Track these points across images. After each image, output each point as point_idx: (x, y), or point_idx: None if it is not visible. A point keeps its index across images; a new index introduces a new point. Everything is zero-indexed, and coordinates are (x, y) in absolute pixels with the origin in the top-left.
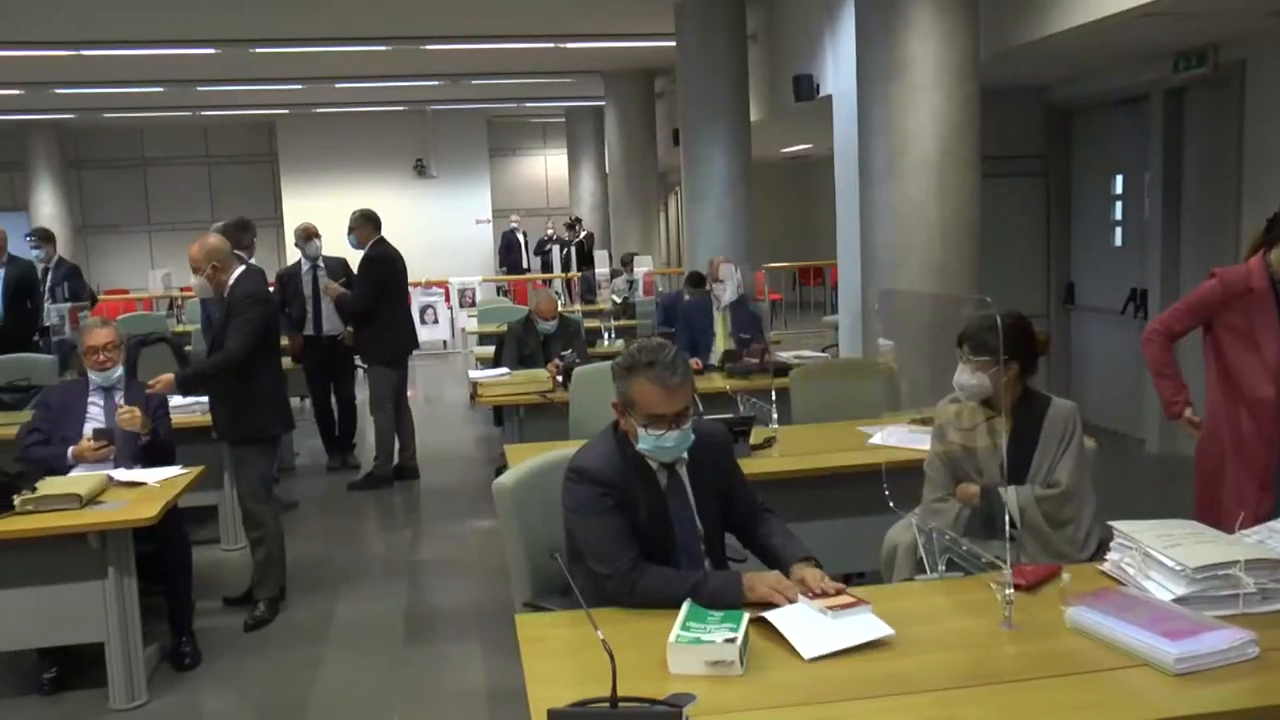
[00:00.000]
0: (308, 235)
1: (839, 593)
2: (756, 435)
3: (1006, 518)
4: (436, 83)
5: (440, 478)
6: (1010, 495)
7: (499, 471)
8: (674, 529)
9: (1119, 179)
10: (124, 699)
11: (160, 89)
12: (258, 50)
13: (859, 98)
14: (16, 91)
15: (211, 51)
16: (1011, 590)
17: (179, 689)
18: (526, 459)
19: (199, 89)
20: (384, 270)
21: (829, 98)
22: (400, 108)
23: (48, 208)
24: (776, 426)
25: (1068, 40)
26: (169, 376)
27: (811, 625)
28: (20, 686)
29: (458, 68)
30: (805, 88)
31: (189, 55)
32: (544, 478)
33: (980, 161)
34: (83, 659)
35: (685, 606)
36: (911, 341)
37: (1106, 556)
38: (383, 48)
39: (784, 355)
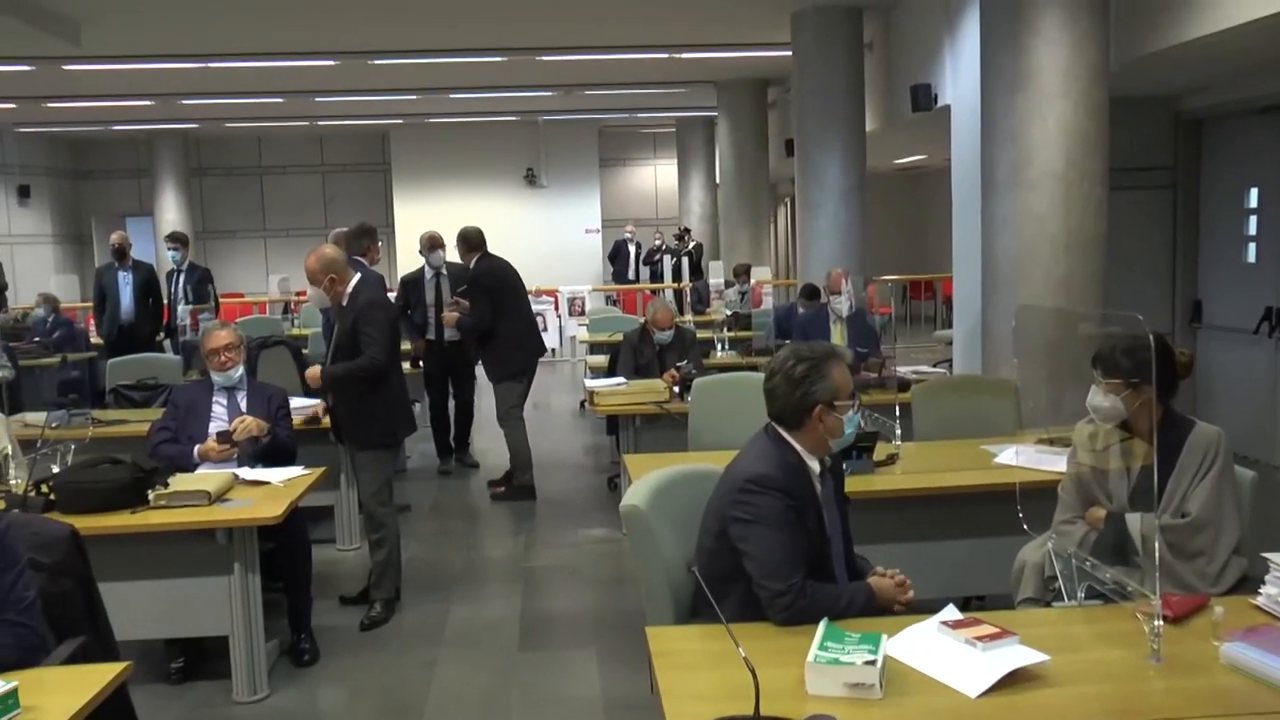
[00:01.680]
0: (433, 244)
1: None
2: (879, 451)
3: (1134, 546)
4: (549, 93)
5: (552, 485)
6: (1132, 522)
7: (611, 481)
8: (830, 539)
9: (1253, 192)
10: (246, 691)
11: (279, 100)
12: (375, 62)
13: (982, 107)
14: (146, 103)
15: (330, 63)
16: (1160, 622)
17: (298, 684)
18: (645, 471)
19: (316, 99)
20: (492, 285)
21: (947, 107)
22: (512, 118)
23: (171, 213)
24: (899, 443)
25: (1204, 47)
26: (316, 370)
27: (961, 660)
28: (150, 675)
29: (571, 79)
30: (923, 97)
31: (308, 67)
32: (667, 494)
33: (1107, 173)
34: (208, 651)
35: (823, 625)
36: (1040, 359)
37: (1261, 590)
38: (497, 59)
39: (901, 370)
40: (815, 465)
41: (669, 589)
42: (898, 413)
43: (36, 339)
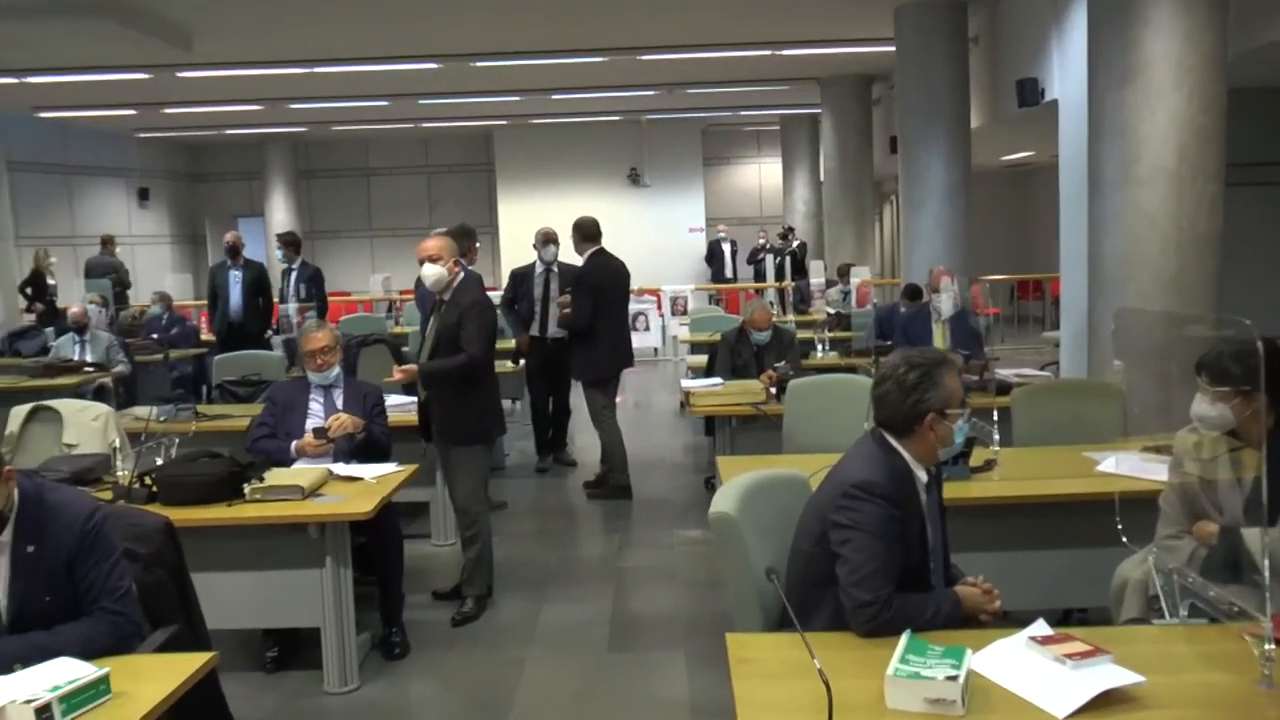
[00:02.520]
0: (546, 239)
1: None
2: (976, 457)
3: (1250, 562)
4: (652, 92)
5: (649, 485)
6: (1254, 537)
7: (708, 482)
8: (932, 551)
9: None
10: (337, 682)
11: (385, 103)
12: (478, 64)
13: (1089, 101)
14: (256, 107)
15: (434, 66)
16: (1272, 646)
17: (388, 677)
18: (738, 473)
19: (420, 102)
20: (596, 285)
21: (1054, 102)
22: (615, 117)
23: (280, 214)
24: (997, 448)
25: None
26: (414, 367)
27: (1050, 678)
28: (245, 663)
29: (673, 77)
30: (1029, 92)
31: (413, 70)
32: (755, 500)
33: (1223, 169)
34: (302, 642)
35: (905, 637)
36: (1145, 363)
37: None
38: (599, 59)
39: (1003, 373)
40: (923, 475)
41: (757, 596)
42: (996, 417)
43: (153, 335)
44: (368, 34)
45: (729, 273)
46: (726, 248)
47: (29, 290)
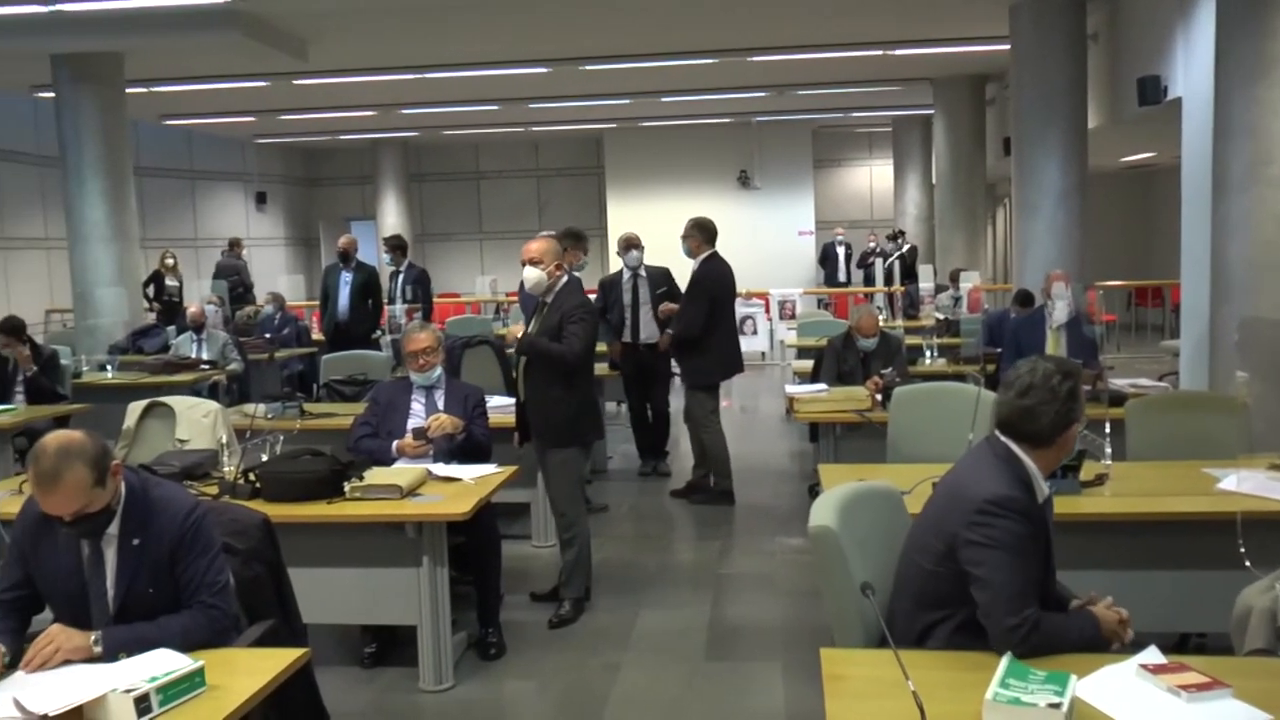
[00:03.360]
0: (628, 245)
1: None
2: (1087, 471)
3: None
4: (762, 94)
5: (752, 491)
6: None
7: (812, 489)
8: (1052, 567)
9: None
10: (432, 681)
11: (495, 107)
12: (588, 67)
13: (1216, 99)
14: (370, 113)
15: (544, 70)
16: None
17: (483, 677)
18: (840, 481)
19: (531, 106)
20: (713, 291)
21: (1177, 100)
22: (725, 120)
23: (392, 217)
24: (1109, 462)
25: None
26: (518, 329)
27: (1162, 711)
28: (344, 658)
29: (783, 78)
30: (1151, 90)
31: (523, 75)
32: (853, 512)
33: None
34: (399, 639)
35: (1005, 661)
36: (1271, 375)
37: None
38: (709, 60)
39: (1118, 383)
40: (1045, 488)
41: (857, 611)
42: (1108, 429)
43: (265, 335)
44: (479, 39)
45: (842, 276)
46: (841, 251)
47: (149, 290)
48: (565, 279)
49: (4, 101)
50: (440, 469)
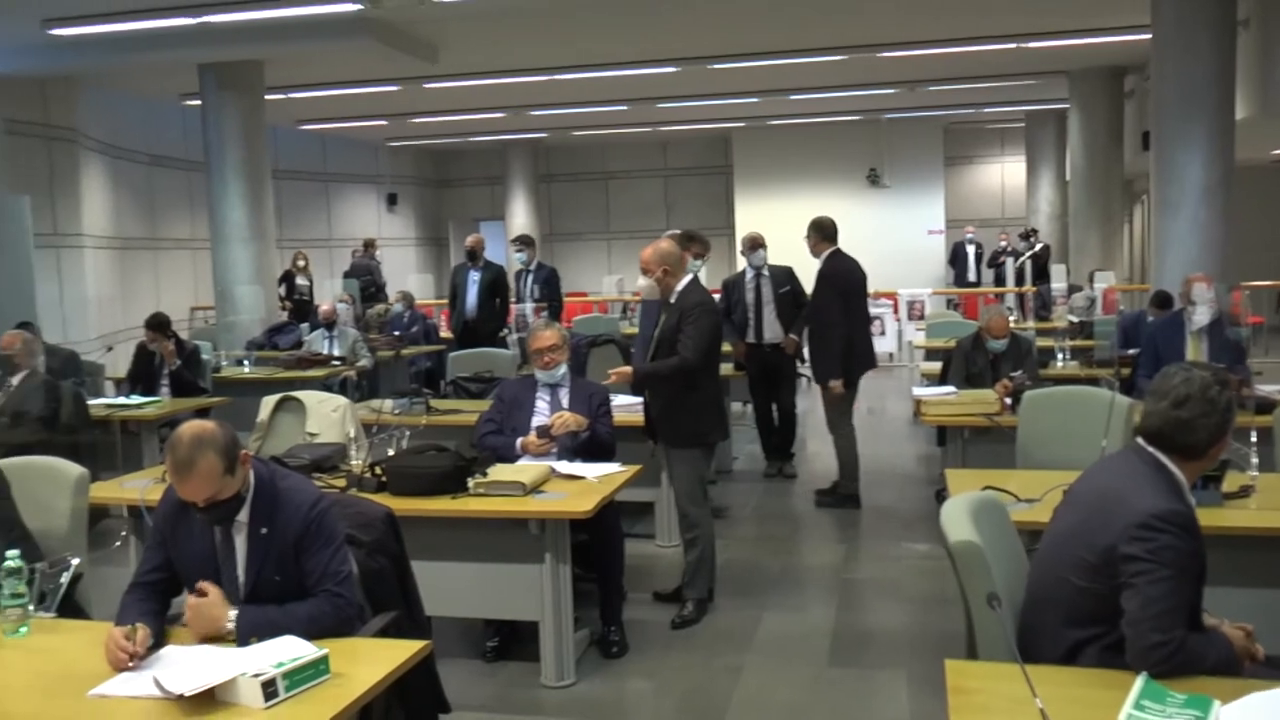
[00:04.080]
0: (753, 244)
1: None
2: (1230, 482)
3: None
4: (892, 90)
5: (878, 495)
6: None
7: (939, 494)
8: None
9: None
10: (554, 677)
11: (624, 107)
12: (716, 66)
13: None
14: (499, 115)
15: (672, 70)
16: None
17: (605, 675)
18: (967, 487)
19: (659, 106)
20: (841, 286)
21: None
22: (854, 117)
23: (521, 217)
24: (1255, 473)
25: None
26: (628, 370)
27: None
28: (467, 651)
29: (914, 74)
30: None
31: (651, 75)
32: (980, 521)
33: None
34: (521, 634)
35: (1140, 681)
36: None
37: None
38: (837, 57)
39: (1265, 389)
40: (1192, 500)
41: (999, 625)
42: (1254, 438)
43: (394, 332)
44: (607, 40)
45: (972, 276)
46: (971, 250)
47: (280, 289)
48: (690, 278)
49: (156, 110)
50: (564, 467)
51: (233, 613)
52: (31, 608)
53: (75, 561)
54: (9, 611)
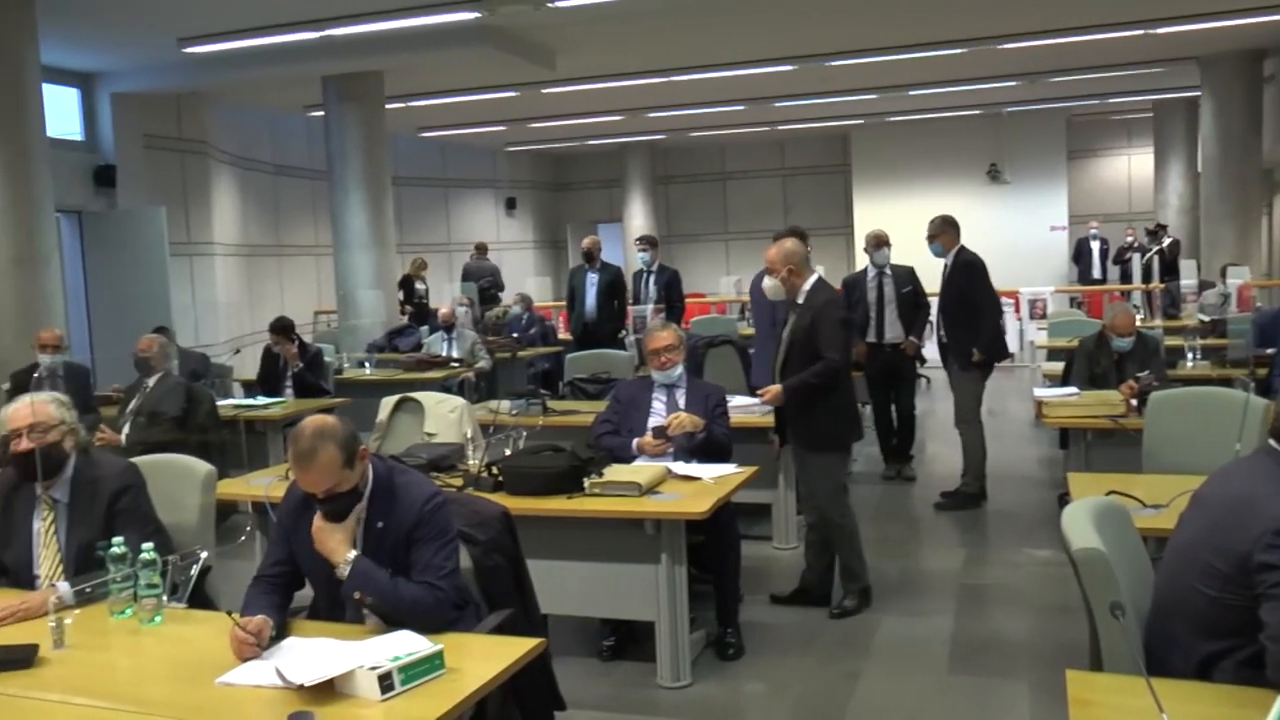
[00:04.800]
0: (878, 242)
1: None
2: None
3: None
4: (1013, 83)
5: (999, 498)
6: None
7: (1061, 498)
8: None
9: None
10: (670, 677)
11: (741, 107)
12: (834, 64)
13: None
14: (616, 118)
15: (789, 68)
16: None
17: (721, 676)
18: (1090, 491)
19: (776, 105)
20: (985, 272)
21: None
22: (974, 111)
23: (638, 219)
24: None
25: None
26: (777, 389)
27: None
28: (583, 649)
29: (1035, 65)
30: None
31: (768, 74)
32: (1104, 527)
33: None
34: (637, 634)
35: None
36: None
37: None
38: (957, 51)
39: None
40: None
41: (1124, 636)
42: None
43: (513, 334)
44: (724, 40)
45: (1097, 273)
46: (1095, 246)
47: (400, 293)
48: (816, 277)
49: (281, 121)
50: (680, 467)
51: (352, 554)
52: (165, 598)
53: (204, 555)
54: (145, 601)
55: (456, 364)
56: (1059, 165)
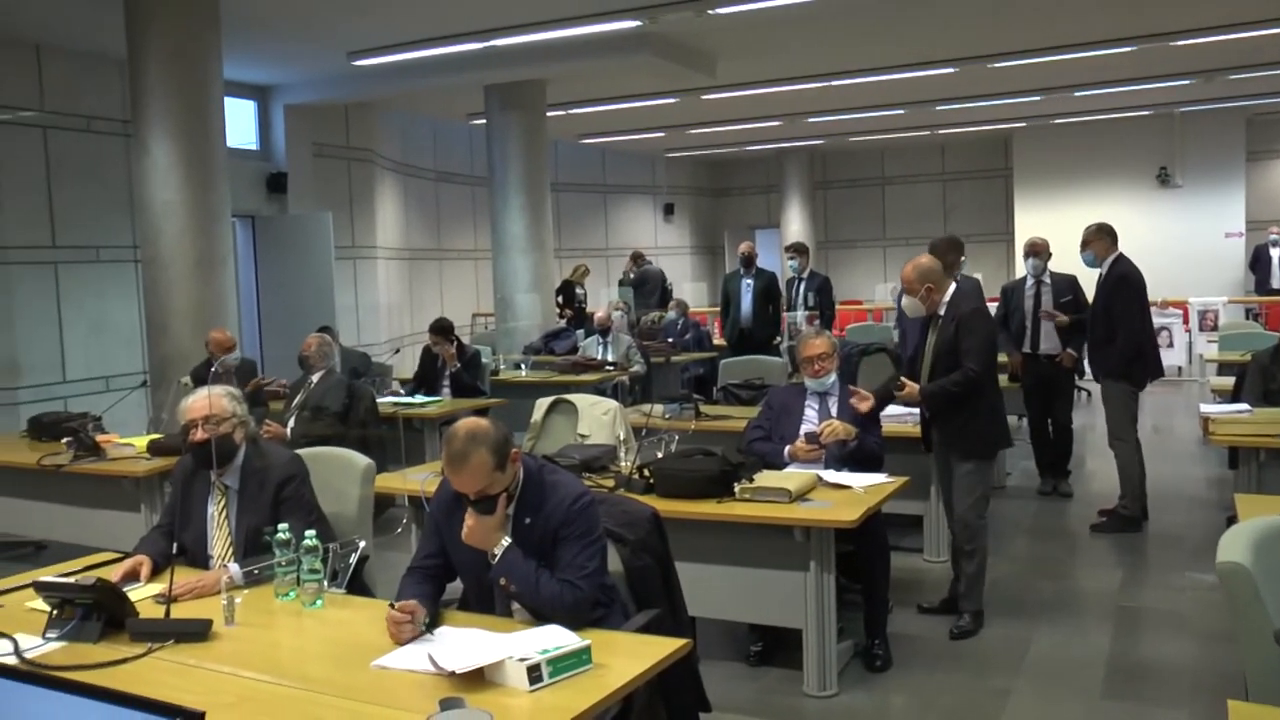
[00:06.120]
0: (1034, 250)
1: None
2: None
3: None
4: (1187, 81)
5: (1163, 519)
6: None
7: (1230, 521)
8: None
9: None
10: (816, 686)
11: (900, 111)
12: (996, 65)
13: None
14: (777, 123)
15: (950, 71)
16: None
17: (868, 687)
18: (1260, 513)
19: (937, 108)
20: (1139, 288)
21: None
22: (1144, 112)
23: (796, 224)
24: None
25: None
26: (915, 388)
27: None
28: (730, 653)
29: (1213, 63)
30: None
31: (929, 77)
32: (1274, 549)
33: None
34: (785, 640)
35: None
36: None
37: None
38: (1127, 49)
39: None
40: None
41: (1275, 662)
42: None
43: (668, 339)
44: (884, 44)
45: (1276, 282)
46: (1275, 254)
47: (559, 298)
48: (955, 287)
49: (443, 129)
50: (831, 475)
51: (505, 542)
52: (325, 583)
53: (362, 544)
54: (307, 585)
55: (611, 367)
56: (1236, 167)
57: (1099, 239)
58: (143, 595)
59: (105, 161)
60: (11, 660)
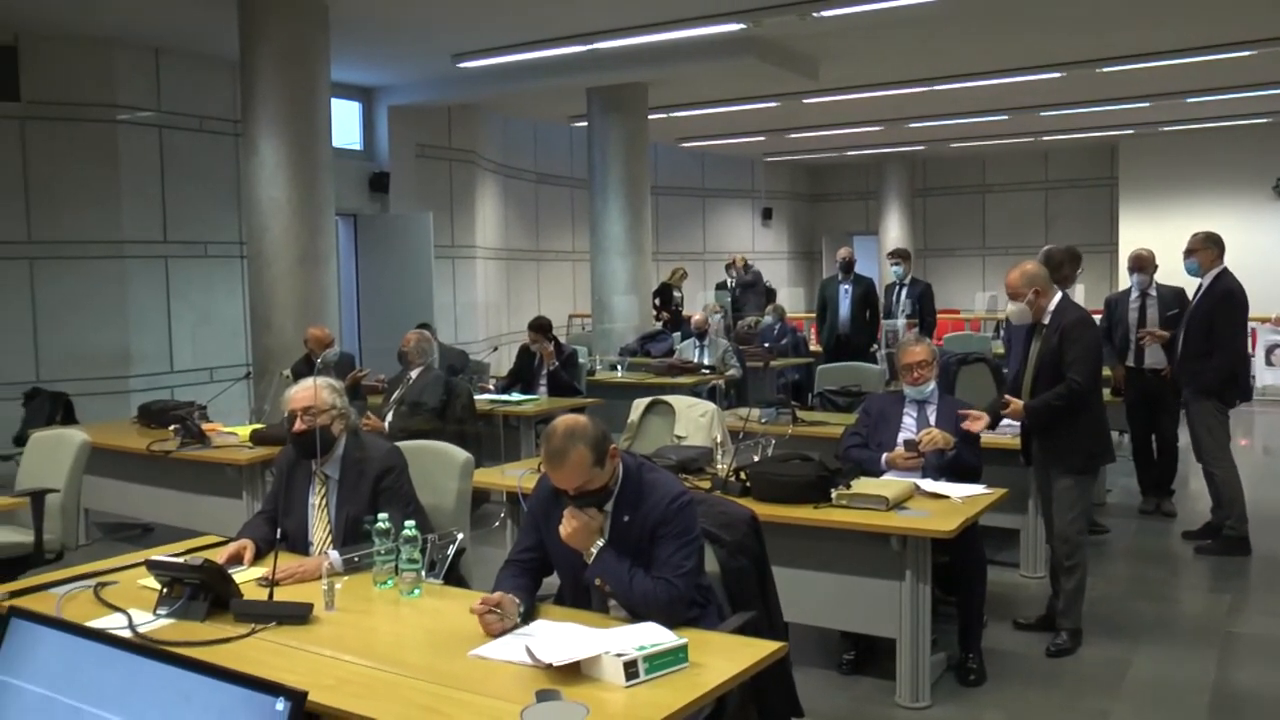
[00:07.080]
0: (1140, 263)
1: None
2: None
3: None
4: None
5: (1273, 541)
6: None
7: None
8: None
9: None
10: (909, 697)
11: (1003, 117)
12: (1105, 69)
13: None
14: (877, 128)
15: (1057, 75)
16: None
17: (960, 701)
18: None
19: (1041, 114)
20: (1243, 305)
21: None
22: (1261, 120)
23: (894, 231)
24: None
25: None
26: (1019, 404)
27: None
28: (823, 660)
29: None
30: None
31: (1034, 81)
32: None
33: None
34: (878, 651)
35: None
36: None
37: None
38: (1245, 53)
39: None
40: None
41: None
42: None
43: (764, 344)
44: (988, 48)
45: None
46: None
47: (657, 300)
48: (1061, 296)
49: (544, 131)
50: (928, 485)
51: (600, 543)
52: (423, 573)
53: (460, 536)
54: (405, 574)
55: (707, 370)
56: None
57: (1205, 248)
58: (246, 578)
59: (216, 160)
60: (125, 633)
